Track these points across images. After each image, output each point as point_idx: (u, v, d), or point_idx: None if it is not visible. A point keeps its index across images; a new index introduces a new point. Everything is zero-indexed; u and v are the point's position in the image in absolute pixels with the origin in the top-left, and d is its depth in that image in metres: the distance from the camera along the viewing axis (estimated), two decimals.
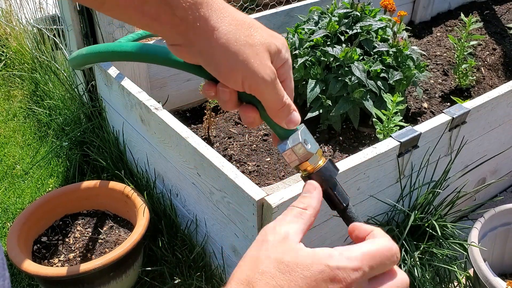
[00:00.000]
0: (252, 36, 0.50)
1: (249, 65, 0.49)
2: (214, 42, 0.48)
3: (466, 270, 1.52)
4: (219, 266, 1.44)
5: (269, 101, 0.52)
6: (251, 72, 0.49)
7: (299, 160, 0.54)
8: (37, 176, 1.99)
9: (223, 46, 0.48)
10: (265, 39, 0.51)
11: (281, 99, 0.52)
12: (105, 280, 1.40)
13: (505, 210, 1.56)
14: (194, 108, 2.14)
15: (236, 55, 0.48)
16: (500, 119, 1.64)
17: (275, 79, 0.51)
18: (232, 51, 0.48)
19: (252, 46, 0.49)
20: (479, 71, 2.39)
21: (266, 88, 0.51)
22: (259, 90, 0.51)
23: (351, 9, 1.95)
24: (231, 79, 0.50)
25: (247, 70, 0.49)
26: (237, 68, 0.49)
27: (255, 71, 0.49)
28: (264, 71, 0.50)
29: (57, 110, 2.11)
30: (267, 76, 0.50)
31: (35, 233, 1.52)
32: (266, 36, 0.51)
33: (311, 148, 0.54)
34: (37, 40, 2.38)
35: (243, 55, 0.48)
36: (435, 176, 1.52)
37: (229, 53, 0.48)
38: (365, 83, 1.79)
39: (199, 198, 1.40)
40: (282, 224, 0.46)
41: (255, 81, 0.50)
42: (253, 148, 1.83)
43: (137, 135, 1.63)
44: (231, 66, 0.49)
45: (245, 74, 0.49)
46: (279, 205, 1.08)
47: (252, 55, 0.49)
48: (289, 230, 0.46)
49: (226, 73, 0.49)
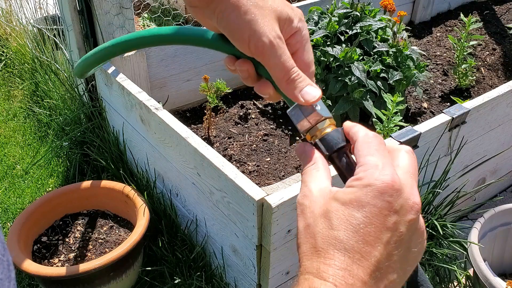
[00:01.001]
0: (263, 0, 0.50)
1: (255, 25, 0.49)
2: (226, 2, 0.50)
3: (466, 270, 1.52)
4: (219, 266, 1.44)
5: (273, 68, 0.51)
6: (256, 32, 0.49)
7: (309, 122, 0.52)
8: (37, 176, 1.99)
9: (234, 5, 0.49)
10: (277, 5, 0.51)
11: (287, 67, 0.51)
12: (105, 280, 1.41)
13: (505, 210, 1.56)
14: (194, 108, 2.14)
15: (245, 14, 0.49)
16: (499, 119, 1.64)
17: (280, 44, 0.50)
18: (242, 10, 0.49)
19: (262, 8, 0.50)
20: (479, 71, 2.39)
21: (270, 51, 0.50)
22: (263, 53, 0.50)
23: (351, 9, 1.95)
24: (239, 38, 0.51)
25: (253, 30, 0.49)
26: (244, 27, 0.50)
27: (261, 31, 0.49)
28: (270, 33, 0.50)
29: (57, 110, 2.11)
30: (272, 37, 0.50)
31: (35, 233, 1.53)
32: (279, 2, 0.52)
33: (321, 110, 0.52)
34: (37, 40, 2.39)
35: (251, 14, 0.49)
36: (435, 176, 1.52)
37: (238, 12, 0.49)
38: (365, 83, 1.79)
39: (199, 198, 1.40)
40: (306, 186, 0.47)
41: (260, 42, 0.50)
42: (253, 148, 1.83)
43: (137, 135, 1.63)
44: (239, 24, 0.50)
45: (251, 33, 0.50)
46: (279, 205, 1.08)
47: (260, 16, 0.50)
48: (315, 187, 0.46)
49: (234, 31, 0.51)
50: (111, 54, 0.68)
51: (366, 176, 0.44)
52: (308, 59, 0.54)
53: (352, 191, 0.44)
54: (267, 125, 1.97)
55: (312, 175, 0.48)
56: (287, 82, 0.51)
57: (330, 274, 0.40)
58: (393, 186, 0.43)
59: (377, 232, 0.42)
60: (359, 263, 0.40)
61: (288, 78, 0.51)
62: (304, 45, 0.54)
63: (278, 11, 0.51)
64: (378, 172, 0.44)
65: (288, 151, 1.83)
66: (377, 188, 0.43)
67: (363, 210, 0.42)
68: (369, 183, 0.43)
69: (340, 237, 0.41)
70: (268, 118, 2.02)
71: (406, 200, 0.43)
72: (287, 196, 1.10)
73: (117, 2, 1.70)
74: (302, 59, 0.54)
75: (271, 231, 1.12)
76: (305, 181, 0.48)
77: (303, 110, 0.52)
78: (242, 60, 0.54)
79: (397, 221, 0.42)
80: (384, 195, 0.42)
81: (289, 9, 0.52)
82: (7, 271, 0.39)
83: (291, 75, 0.51)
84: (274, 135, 1.91)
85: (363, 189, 0.43)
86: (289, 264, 1.26)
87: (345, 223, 0.42)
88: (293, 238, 1.20)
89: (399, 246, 0.43)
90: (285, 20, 0.52)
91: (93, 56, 0.70)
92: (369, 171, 0.44)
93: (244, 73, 0.54)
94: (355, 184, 0.44)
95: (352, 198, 0.43)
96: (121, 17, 1.74)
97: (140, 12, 3.27)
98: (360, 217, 0.42)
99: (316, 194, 0.46)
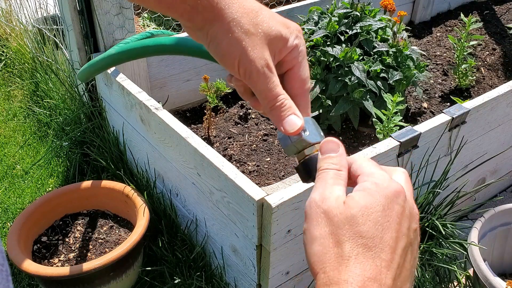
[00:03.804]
0: (256, 25, 0.51)
1: (246, 53, 0.50)
2: (218, 27, 0.50)
3: (466, 270, 1.52)
4: (219, 266, 1.44)
5: (259, 95, 0.52)
6: (246, 59, 0.50)
7: (296, 148, 0.53)
8: (37, 176, 1.99)
9: (226, 32, 0.50)
10: (271, 27, 0.51)
11: (271, 95, 0.52)
12: (105, 280, 1.41)
13: (505, 210, 1.56)
14: (194, 108, 2.14)
15: (236, 41, 0.50)
16: (499, 119, 1.64)
17: (267, 73, 0.51)
18: (233, 37, 0.50)
19: (253, 35, 0.50)
20: (479, 71, 2.39)
21: (257, 79, 0.51)
22: (252, 79, 0.51)
23: (351, 9, 1.95)
24: (228, 64, 0.51)
25: (243, 57, 0.50)
26: (234, 54, 0.50)
27: (250, 59, 0.50)
28: (258, 62, 0.50)
29: (57, 110, 2.11)
30: (260, 66, 0.50)
31: (35, 233, 1.53)
32: (272, 24, 0.52)
33: (309, 136, 0.52)
34: (37, 40, 2.38)
35: (242, 42, 0.50)
36: (435, 176, 1.52)
37: (230, 39, 0.50)
38: (365, 83, 1.79)
39: (199, 198, 1.40)
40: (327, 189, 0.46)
41: (248, 69, 0.50)
42: (253, 148, 1.83)
43: (137, 135, 1.63)
44: (229, 51, 0.50)
45: (240, 60, 0.50)
46: (279, 205, 1.08)
47: (251, 44, 0.50)
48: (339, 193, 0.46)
49: (224, 56, 0.51)
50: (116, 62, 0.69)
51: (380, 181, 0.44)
52: (303, 75, 0.55)
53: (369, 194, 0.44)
54: (267, 125, 1.97)
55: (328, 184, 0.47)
56: (270, 109, 0.52)
57: (359, 285, 0.39)
58: (403, 191, 0.44)
59: (397, 238, 0.42)
60: (385, 271, 0.40)
61: (272, 105, 0.52)
62: (300, 62, 0.54)
63: (271, 35, 0.51)
64: (387, 181, 0.45)
65: None
66: (391, 192, 0.43)
67: (384, 214, 0.42)
68: (384, 187, 0.44)
69: (370, 245, 0.41)
70: (268, 118, 2.02)
71: (412, 208, 0.45)
72: (287, 196, 1.10)
73: (117, 2, 1.70)
74: (298, 76, 0.54)
75: (271, 231, 1.12)
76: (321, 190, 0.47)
77: (290, 136, 0.52)
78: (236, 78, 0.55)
79: (409, 226, 0.43)
80: (397, 200, 0.43)
81: (283, 28, 0.52)
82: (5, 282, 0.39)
83: (275, 103, 0.52)
84: (274, 135, 1.91)
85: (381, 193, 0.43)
86: (289, 264, 1.26)
87: (372, 229, 0.42)
88: (293, 238, 1.20)
89: (409, 252, 0.43)
90: (279, 40, 0.52)
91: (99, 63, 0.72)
92: (381, 179, 0.45)
93: (239, 88, 0.56)
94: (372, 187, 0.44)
95: (372, 201, 0.43)
96: (121, 17, 1.74)
97: (140, 12, 3.27)
98: (384, 222, 0.42)
99: (334, 200, 0.45)
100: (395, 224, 0.42)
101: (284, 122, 0.52)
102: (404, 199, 0.44)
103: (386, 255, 0.41)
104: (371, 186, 0.44)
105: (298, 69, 0.54)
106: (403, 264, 0.42)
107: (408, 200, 0.45)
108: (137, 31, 2.57)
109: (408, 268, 0.43)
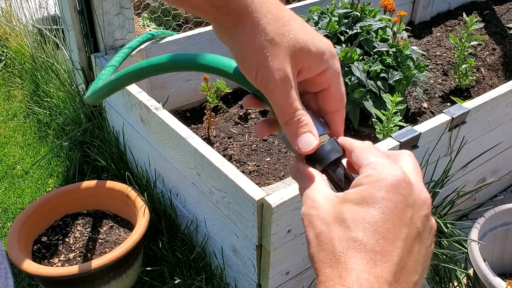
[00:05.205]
0: (282, 34, 0.49)
1: (265, 62, 0.48)
2: (242, 31, 0.49)
3: (466, 270, 1.52)
4: (219, 266, 1.44)
5: (277, 107, 0.50)
6: (265, 69, 0.49)
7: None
8: (37, 176, 1.99)
9: (249, 37, 0.49)
10: (296, 40, 0.49)
11: (290, 109, 0.50)
12: (105, 280, 1.41)
13: (505, 210, 1.56)
14: (194, 108, 2.14)
15: (258, 49, 0.48)
16: (499, 119, 1.64)
17: (287, 84, 0.49)
18: (255, 44, 0.48)
19: (277, 45, 0.48)
20: (479, 71, 2.39)
21: (275, 90, 0.49)
22: (268, 89, 0.50)
23: (351, 9, 1.95)
24: (247, 71, 0.50)
25: (262, 66, 0.49)
26: (254, 61, 0.49)
27: (270, 69, 0.48)
28: (277, 72, 0.48)
29: (57, 110, 2.11)
30: (278, 77, 0.49)
31: (35, 233, 1.53)
32: (301, 36, 0.49)
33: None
34: (37, 40, 2.39)
35: (263, 50, 0.48)
36: (435, 176, 1.52)
37: (251, 45, 0.49)
38: (365, 83, 1.79)
39: (199, 198, 1.40)
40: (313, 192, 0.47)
41: (265, 78, 0.49)
42: (253, 148, 1.83)
43: (137, 135, 1.63)
44: (250, 58, 0.49)
45: (259, 69, 0.49)
46: (279, 205, 1.08)
47: (273, 53, 0.48)
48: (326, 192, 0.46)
49: (244, 62, 0.50)
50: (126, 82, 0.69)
51: (376, 172, 0.43)
52: (340, 94, 0.53)
53: (363, 189, 0.43)
54: None
55: (311, 188, 0.48)
56: (285, 124, 0.50)
57: (353, 279, 0.38)
58: (405, 179, 0.42)
59: (395, 229, 0.41)
60: (382, 264, 0.39)
61: (288, 120, 0.50)
62: (336, 81, 0.52)
63: (296, 47, 0.49)
64: (387, 168, 0.43)
65: (288, 151, 1.83)
66: (390, 182, 0.42)
67: (378, 206, 0.41)
68: (380, 178, 0.42)
69: (360, 238, 0.40)
70: None
71: (418, 195, 0.43)
72: (287, 196, 1.10)
73: (117, 2, 1.70)
74: (334, 95, 0.52)
75: (271, 231, 1.12)
76: (306, 195, 0.47)
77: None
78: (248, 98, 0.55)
79: (413, 215, 0.42)
80: (398, 188, 0.42)
81: (313, 43, 0.50)
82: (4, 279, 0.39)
83: (291, 118, 0.50)
84: (274, 135, 1.91)
85: (376, 184, 0.42)
86: (289, 264, 1.26)
87: (362, 223, 0.41)
88: (293, 238, 1.20)
89: (417, 242, 0.42)
90: (307, 54, 0.49)
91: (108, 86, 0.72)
92: (379, 168, 0.43)
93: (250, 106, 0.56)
94: (366, 181, 0.43)
95: (365, 196, 0.42)
96: (121, 17, 1.74)
97: (140, 12, 3.27)
98: (377, 214, 0.41)
99: (322, 202, 0.45)
100: (392, 215, 0.41)
101: (299, 140, 0.50)
102: (405, 187, 0.42)
103: (382, 247, 0.40)
104: (365, 180, 0.43)
105: (334, 89, 0.52)
106: (408, 255, 0.41)
107: (413, 186, 0.43)
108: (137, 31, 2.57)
109: (416, 259, 0.41)
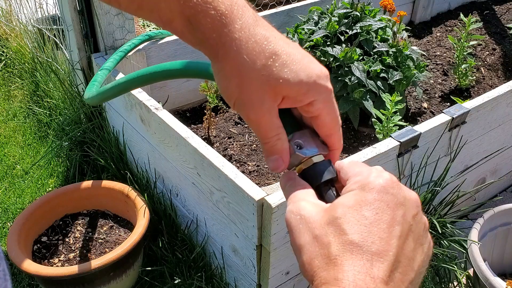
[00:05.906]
0: (266, 68, 0.48)
1: (243, 95, 0.49)
2: (222, 64, 0.49)
3: (466, 270, 1.52)
4: (219, 266, 1.45)
5: (253, 128, 0.52)
6: (243, 100, 0.49)
7: (294, 164, 0.53)
8: (37, 176, 1.99)
9: (229, 71, 0.48)
10: (279, 75, 0.48)
11: (265, 133, 0.51)
12: (105, 280, 1.41)
13: (504, 210, 1.56)
14: (194, 108, 2.14)
15: (237, 84, 0.49)
16: (499, 119, 1.64)
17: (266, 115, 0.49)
18: (234, 79, 0.49)
19: (255, 80, 0.48)
20: (479, 71, 2.39)
21: (255, 120, 0.50)
22: (244, 115, 0.51)
23: (351, 9, 1.95)
24: (225, 95, 0.51)
25: (239, 99, 0.49)
26: (232, 94, 0.50)
27: (248, 97, 0.49)
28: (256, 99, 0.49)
29: (57, 110, 2.11)
30: (255, 103, 0.49)
31: (35, 233, 1.53)
32: (285, 71, 0.48)
33: (304, 150, 0.52)
34: (37, 40, 2.38)
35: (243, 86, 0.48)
36: (434, 176, 1.52)
37: (230, 79, 0.49)
38: (365, 83, 1.79)
39: (199, 198, 1.40)
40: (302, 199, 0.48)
41: (242, 103, 0.50)
42: (253, 148, 1.83)
43: (137, 135, 1.63)
44: (228, 90, 0.50)
45: (237, 101, 0.50)
46: (279, 205, 1.09)
47: (252, 87, 0.48)
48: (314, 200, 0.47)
49: (223, 93, 0.51)
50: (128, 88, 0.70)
51: (363, 177, 0.45)
52: (331, 120, 0.52)
53: (355, 193, 0.44)
54: None
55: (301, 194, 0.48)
56: (262, 143, 0.53)
57: (350, 280, 0.38)
58: (393, 180, 0.45)
59: (389, 228, 0.41)
60: (378, 264, 0.40)
61: (263, 142, 0.52)
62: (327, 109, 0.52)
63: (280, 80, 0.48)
64: (374, 173, 0.46)
65: None
66: (379, 184, 0.44)
67: (371, 207, 0.42)
68: (368, 181, 0.44)
69: (355, 241, 0.40)
70: None
71: (408, 193, 0.45)
72: None
73: None
74: (325, 123, 0.52)
75: (271, 231, 1.12)
76: (295, 200, 0.48)
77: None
78: None
79: (405, 213, 0.43)
80: (387, 188, 0.44)
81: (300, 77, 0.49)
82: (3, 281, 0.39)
83: (266, 142, 0.52)
84: None
85: (365, 187, 0.44)
86: (289, 264, 1.26)
87: (356, 225, 0.41)
88: None
89: (411, 240, 0.43)
90: (290, 88, 0.49)
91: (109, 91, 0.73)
92: (365, 174, 0.46)
93: None
94: (355, 186, 0.45)
95: (357, 199, 0.43)
96: (121, 17, 1.74)
97: None
98: (371, 216, 0.42)
99: (313, 207, 0.46)
100: (385, 215, 0.42)
101: (269, 161, 0.52)
102: (394, 186, 0.44)
103: (378, 247, 0.40)
104: (354, 186, 0.45)
105: (324, 118, 0.52)
106: (403, 252, 0.41)
107: (402, 186, 0.45)
108: (137, 31, 2.57)
109: (411, 256, 0.42)
